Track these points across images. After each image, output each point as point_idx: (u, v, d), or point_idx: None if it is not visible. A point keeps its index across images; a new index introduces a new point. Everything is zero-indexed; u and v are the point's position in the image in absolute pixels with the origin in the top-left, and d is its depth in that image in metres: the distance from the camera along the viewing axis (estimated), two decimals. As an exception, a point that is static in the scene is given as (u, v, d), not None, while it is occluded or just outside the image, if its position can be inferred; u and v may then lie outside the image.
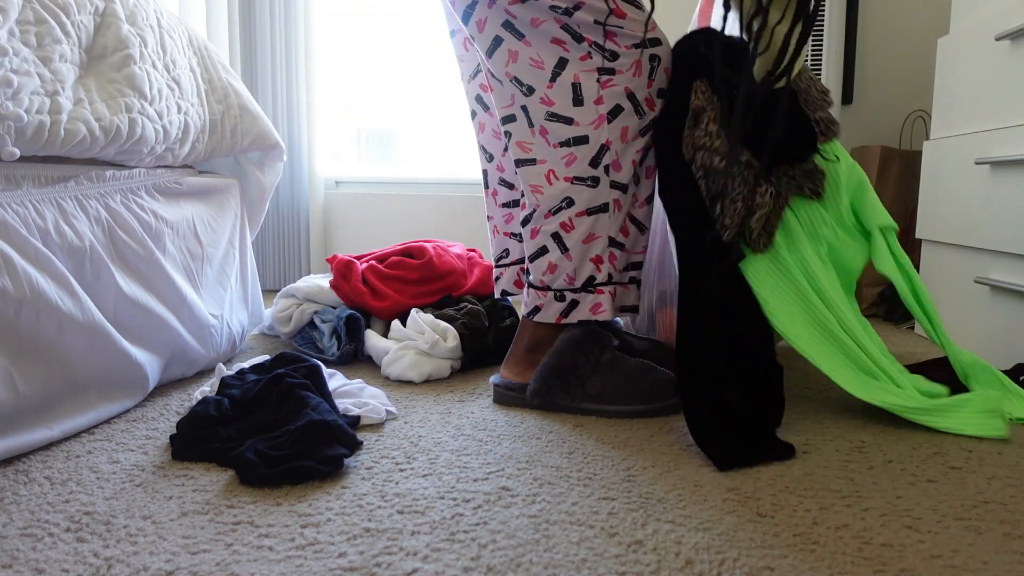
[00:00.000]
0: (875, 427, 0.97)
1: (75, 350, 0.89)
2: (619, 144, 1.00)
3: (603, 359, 1.02)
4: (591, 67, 0.98)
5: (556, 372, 1.02)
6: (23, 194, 0.87)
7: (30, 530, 0.66)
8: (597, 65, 0.98)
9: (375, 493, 0.75)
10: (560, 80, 0.98)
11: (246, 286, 1.39)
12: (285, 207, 2.26)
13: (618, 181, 1.01)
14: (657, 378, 1.02)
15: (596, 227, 1.02)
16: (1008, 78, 1.27)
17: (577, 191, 1.01)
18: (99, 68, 0.98)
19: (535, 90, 1.00)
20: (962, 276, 1.42)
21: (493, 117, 1.17)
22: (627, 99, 0.99)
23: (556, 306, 1.04)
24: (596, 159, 1.00)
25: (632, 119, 1.00)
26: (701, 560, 0.62)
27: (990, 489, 0.77)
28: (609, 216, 1.02)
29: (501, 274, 1.22)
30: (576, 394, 1.01)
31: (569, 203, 1.01)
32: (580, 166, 1.00)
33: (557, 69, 0.98)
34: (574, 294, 1.04)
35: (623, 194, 1.02)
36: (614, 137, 0.99)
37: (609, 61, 0.98)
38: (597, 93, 0.98)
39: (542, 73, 0.99)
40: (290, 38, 2.18)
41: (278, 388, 0.93)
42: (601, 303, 1.03)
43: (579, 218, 1.01)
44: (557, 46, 0.98)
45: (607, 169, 1.00)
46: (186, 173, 1.23)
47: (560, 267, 1.03)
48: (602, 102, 0.99)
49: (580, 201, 1.01)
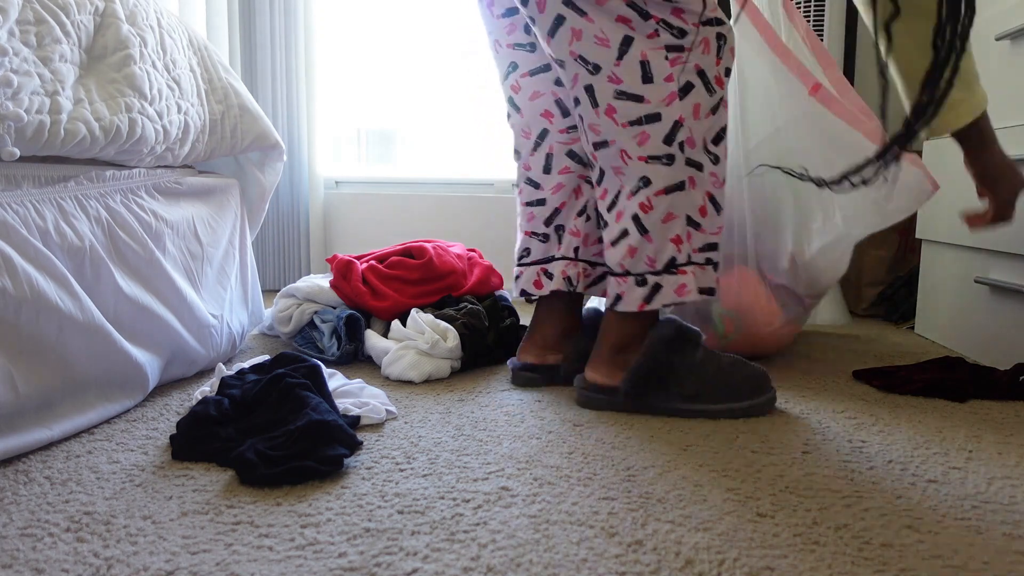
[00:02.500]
0: (875, 427, 0.97)
1: (75, 350, 0.89)
2: (692, 121, 0.98)
3: (697, 358, 1.01)
4: (659, 45, 0.96)
5: (651, 373, 1.00)
6: (23, 194, 0.87)
7: (30, 530, 0.66)
8: (665, 43, 0.96)
9: (375, 493, 0.75)
10: (628, 57, 0.96)
11: (246, 286, 1.39)
12: (285, 207, 2.26)
13: (693, 159, 1.00)
14: (751, 373, 1.02)
15: (674, 206, 1.00)
16: (1008, 78, 1.27)
17: (653, 170, 0.99)
18: (99, 68, 0.98)
19: (601, 68, 0.98)
20: (962, 276, 1.42)
21: (524, 117, 1.17)
22: (697, 76, 0.98)
23: (638, 292, 1.01)
24: (670, 136, 0.98)
25: (704, 96, 0.99)
26: (701, 560, 0.62)
27: (990, 489, 0.77)
28: (686, 194, 1.00)
29: (521, 273, 1.20)
30: (672, 395, 1.00)
31: (646, 182, 0.99)
32: (654, 144, 0.98)
33: (623, 47, 0.96)
34: (656, 277, 1.01)
35: (699, 172, 1.00)
36: (687, 114, 0.98)
37: (677, 38, 0.96)
38: (667, 70, 0.97)
39: (608, 51, 0.97)
40: (290, 38, 2.18)
41: (278, 388, 0.93)
42: (686, 284, 1.01)
43: (657, 197, 0.99)
44: (622, 24, 0.96)
45: (681, 146, 0.99)
46: (186, 173, 1.23)
47: (640, 250, 1.00)
48: (672, 79, 0.97)
49: (657, 180, 0.99)
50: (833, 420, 1.00)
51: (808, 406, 1.07)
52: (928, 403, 1.09)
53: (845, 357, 1.39)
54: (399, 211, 2.32)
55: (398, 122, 2.43)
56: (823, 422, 0.99)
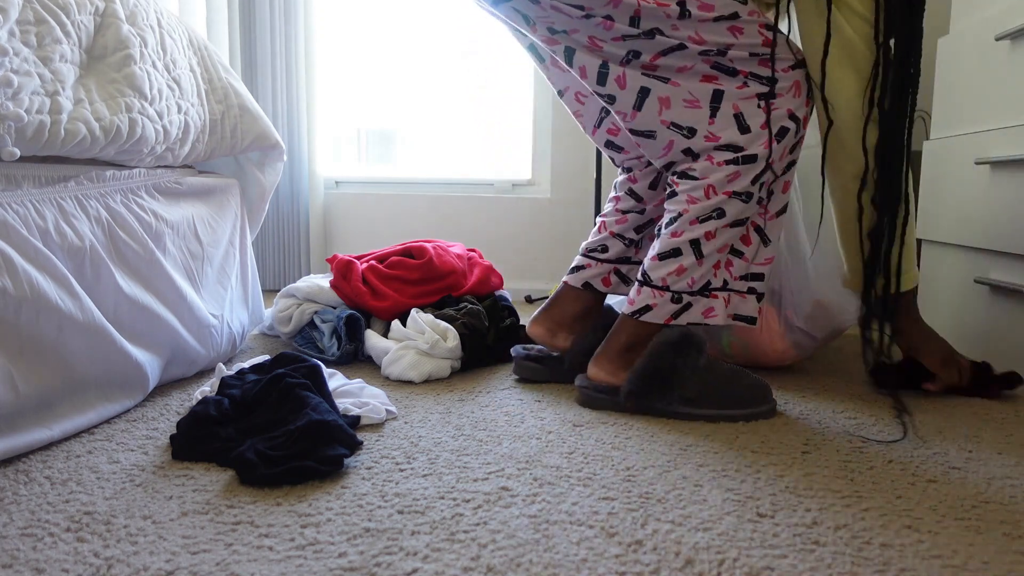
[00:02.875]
0: (875, 427, 0.97)
1: (75, 350, 0.89)
2: (778, 163, 1.01)
3: (700, 363, 1.02)
4: (750, 94, 0.99)
5: (654, 375, 1.01)
6: (23, 194, 0.87)
7: (30, 530, 0.66)
8: (756, 91, 0.99)
9: (375, 493, 0.75)
10: (721, 113, 0.99)
11: (246, 286, 1.39)
12: (285, 207, 2.26)
13: (760, 196, 1.03)
14: (752, 383, 1.03)
15: (731, 238, 1.03)
16: (1008, 78, 1.27)
17: (731, 204, 1.01)
18: (99, 68, 0.98)
19: (696, 131, 1.00)
20: (962, 276, 1.42)
21: (628, 154, 1.19)
22: (790, 120, 1.00)
23: (669, 307, 1.03)
24: (758, 177, 1.01)
25: (793, 138, 1.01)
26: (701, 560, 0.62)
27: (990, 489, 0.77)
28: (742, 227, 1.03)
29: (588, 265, 1.21)
30: (673, 398, 1.00)
31: (720, 214, 1.01)
32: (742, 182, 1.00)
33: (715, 104, 0.99)
34: (691, 297, 1.03)
35: (756, 206, 1.03)
36: (777, 157, 1.01)
37: (766, 86, 0.99)
38: (761, 117, 0.99)
39: (701, 112, 0.99)
40: (290, 38, 2.18)
41: (278, 388, 0.93)
42: (714, 307, 1.03)
43: (724, 229, 1.02)
44: (709, 83, 0.98)
45: (761, 187, 1.01)
46: (186, 173, 1.23)
47: (689, 271, 1.02)
48: (766, 127, 0.99)
49: (730, 214, 1.01)
50: (833, 420, 1.00)
51: (808, 406, 1.07)
52: (928, 403, 1.09)
53: (845, 357, 1.39)
54: (399, 211, 2.32)
55: (398, 122, 2.44)
56: (823, 422, 0.99)
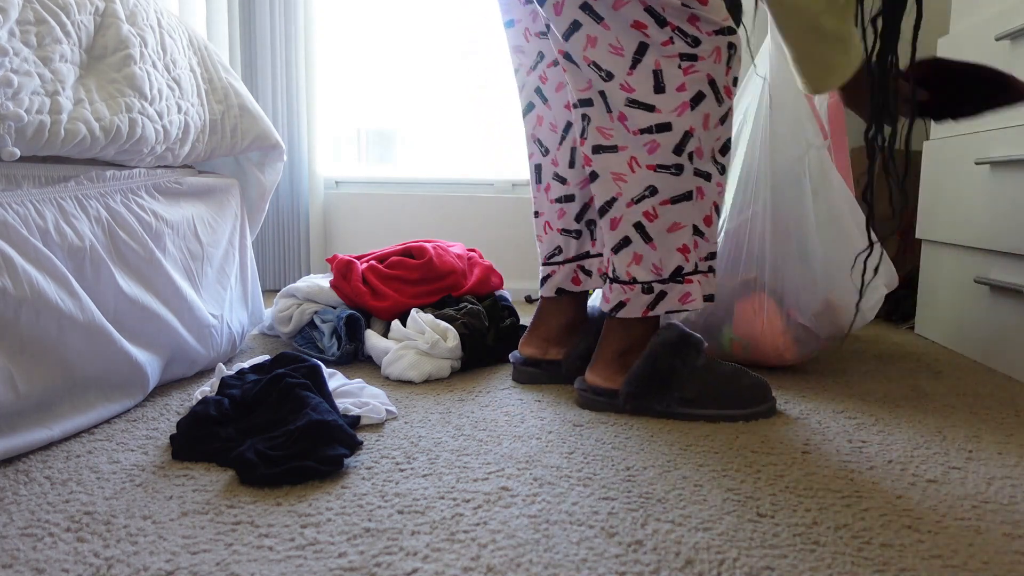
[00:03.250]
0: (875, 427, 0.97)
1: (75, 350, 0.89)
2: (702, 131, 0.99)
3: (699, 363, 1.01)
4: (673, 53, 0.96)
5: (652, 377, 1.00)
6: (23, 194, 0.87)
7: (30, 530, 0.66)
8: (679, 51, 0.96)
9: (375, 493, 0.75)
10: (641, 66, 0.97)
11: (246, 286, 1.39)
12: (285, 207, 2.26)
13: (701, 169, 1.00)
14: (752, 382, 1.02)
15: (681, 215, 1.00)
16: (1008, 78, 1.26)
17: (661, 179, 0.99)
18: (99, 68, 0.98)
19: (614, 76, 0.98)
20: (962, 276, 1.42)
21: (551, 109, 1.15)
22: (708, 86, 0.98)
23: (643, 299, 1.02)
24: (680, 146, 0.98)
25: (714, 106, 0.99)
26: (701, 560, 0.62)
27: (990, 489, 0.77)
28: (693, 204, 1.01)
29: (552, 272, 1.19)
30: (672, 399, 1.00)
31: (652, 191, 0.99)
32: (663, 154, 0.98)
33: (637, 55, 0.97)
34: (662, 285, 1.02)
35: (706, 182, 1.01)
36: (697, 124, 0.98)
37: (691, 47, 0.96)
38: (680, 79, 0.97)
39: (622, 60, 0.97)
40: (290, 38, 2.18)
41: (278, 388, 0.93)
42: (690, 292, 1.02)
43: (663, 207, 1.00)
44: (637, 31, 0.96)
45: (691, 156, 0.99)
46: (186, 173, 1.23)
47: (646, 257, 1.01)
48: (685, 88, 0.97)
49: (664, 189, 0.99)
50: (833, 420, 1.00)
51: (808, 406, 1.07)
52: (928, 403, 1.09)
53: (845, 357, 1.39)
54: (399, 211, 2.32)
55: (398, 122, 2.43)
56: (823, 422, 0.99)
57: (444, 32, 2.34)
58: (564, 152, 1.16)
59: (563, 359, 1.16)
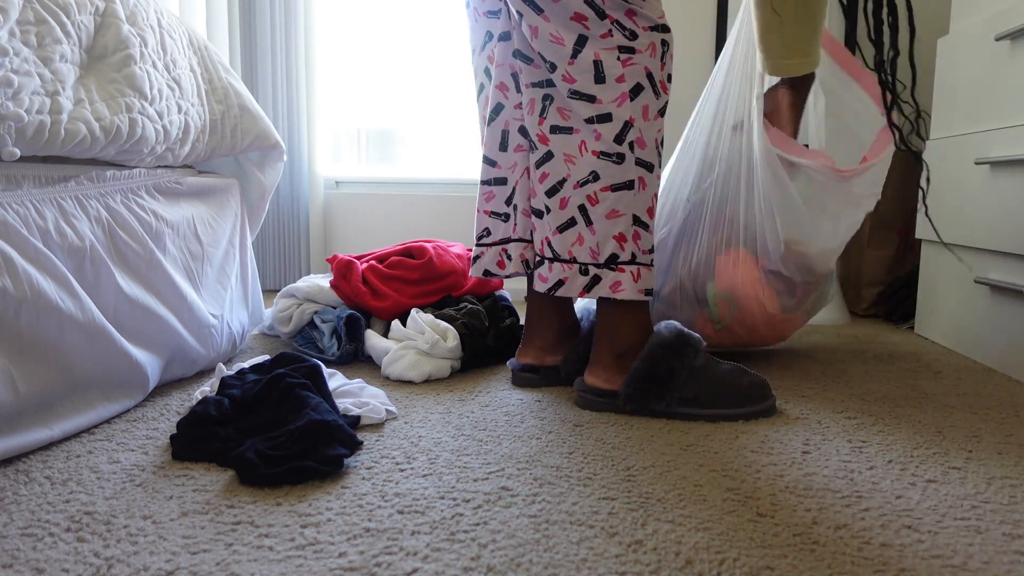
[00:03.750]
0: (875, 427, 0.97)
1: (75, 350, 0.89)
2: (642, 122, 1.00)
3: (697, 363, 1.02)
4: (612, 45, 0.98)
5: (651, 377, 1.01)
6: (23, 194, 0.87)
7: (30, 530, 0.66)
8: (618, 43, 0.98)
9: (375, 493, 0.75)
10: (581, 57, 0.99)
11: (246, 286, 1.39)
12: (285, 207, 2.26)
13: (643, 159, 1.01)
14: (751, 381, 1.02)
15: (620, 204, 1.02)
16: (1008, 78, 1.27)
17: (603, 166, 1.01)
18: (99, 68, 0.98)
19: (557, 67, 1.00)
20: (962, 276, 1.42)
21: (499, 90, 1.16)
22: (646, 78, 1.00)
23: (580, 280, 1.04)
24: (620, 136, 1.00)
25: (651, 98, 1.00)
26: (701, 560, 0.62)
27: (990, 489, 0.77)
28: (634, 194, 1.02)
29: (482, 253, 1.18)
30: (672, 399, 1.00)
31: (595, 177, 1.01)
32: (605, 142, 1.00)
33: (577, 47, 0.98)
34: (597, 269, 1.03)
35: (648, 172, 1.02)
36: (637, 115, 1.00)
37: (629, 40, 0.98)
38: (619, 71, 0.99)
39: (563, 50, 0.99)
40: (290, 38, 2.18)
41: (278, 388, 0.93)
42: (621, 282, 1.03)
43: (603, 193, 1.01)
44: (578, 23, 0.98)
45: (631, 146, 1.00)
46: (186, 173, 1.24)
47: (586, 240, 1.03)
48: (624, 80, 0.99)
49: (605, 176, 1.01)
50: (833, 420, 1.00)
51: (808, 406, 1.07)
52: (928, 403, 1.09)
53: (845, 357, 1.39)
54: (399, 211, 2.32)
55: (398, 122, 2.43)
56: (823, 422, 0.99)
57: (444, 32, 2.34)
58: (494, 132, 1.15)
59: (561, 364, 1.16)
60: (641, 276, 1.03)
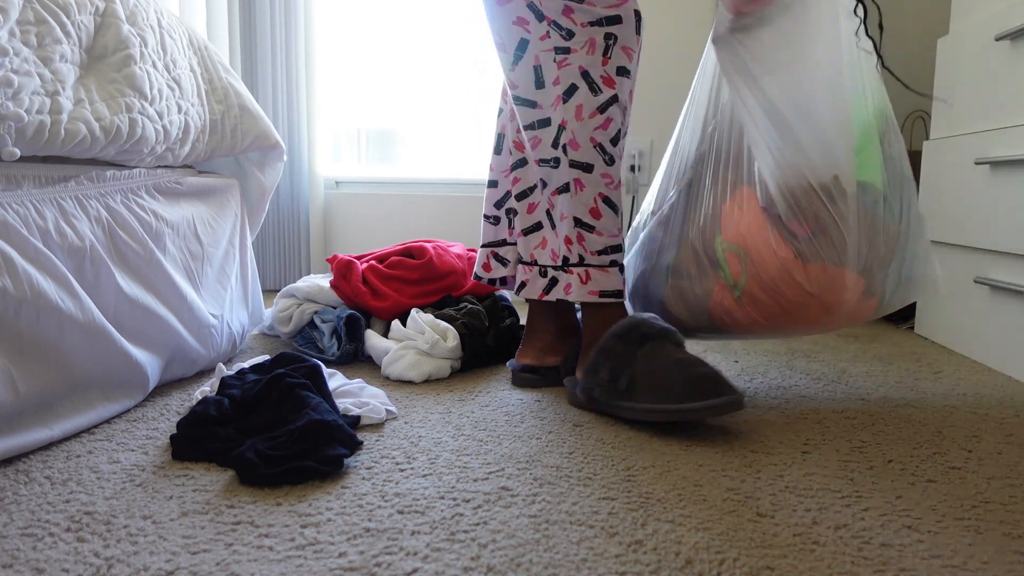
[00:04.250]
0: (875, 427, 0.97)
1: (75, 350, 0.89)
2: (574, 123, 1.00)
3: (641, 351, 0.94)
4: (549, 47, 0.99)
5: (594, 368, 0.98)
6: (23, 194, 0.87)
7: (30, 530, 0.66)
8: (554, 45, 0.98)
9: (375, 493, 0.75)
10: (522, 63, 1.00)
11: (246, 286, 1.39)
12: (285, 207, 2.26)
13: (577, 160, 1.01)
14: (697, 374, 0.89)
15: (564, 207, 1.03)
16: (1008, 78, 1.27)
17: (545, 173, 1.03)
18: (99, 68, 0.98)
19: (504, 75, 1.03)
20: (962, 276, 1.42)
21: None
22: (581, 77, 0.99)
23: (540, 282, 1.07)
24: (556, 140, 1.01)
25: (587, 97, 0.99)
26: (701, 560, 0.62)
27: (990, 489, 0.77)
28: (570, 196, 1.02)
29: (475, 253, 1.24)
30: (612, 391, 0.96)
31: (543, 184, 1.04)
32: (544, 148, 1.02)
33: (519, 51, 1.00)
34: (554, 271, 1.06)
35: (585, 173, 1.01)
36: (569, 116, 1.00)
37: (565, 40, 0.98)
38: (554, 73, 0.99)
39: (506, 57, 1.01)
40: (290, 38, 2.18)
41: (278, 388, 0.93)
42: (571, 284, 1.04)
43: (554, 197, 1.04)
44: (519, 27, 0.99)
45: (565, 149, 1.01)
46: (186, 173, 1.24)
47: (549, 243, 1.05)
48: (558, 82, 0.99)
49: (550, 182, 1.03)
50: (833, 420, 1.00)
51: (808, 406, 1.07)
52: (928, 403, 1.09)
53: (845, 357, 1.39)
54: (399, 211, 2.32)
55: (398, 122, 2.43)
56: (823, 422, 0.99)
57: (444, 32, 2.34)
58: (496, 135, 1.18)
59: (560, 364, 1.16)
60: (591, 278, 1.03)
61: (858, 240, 1.00)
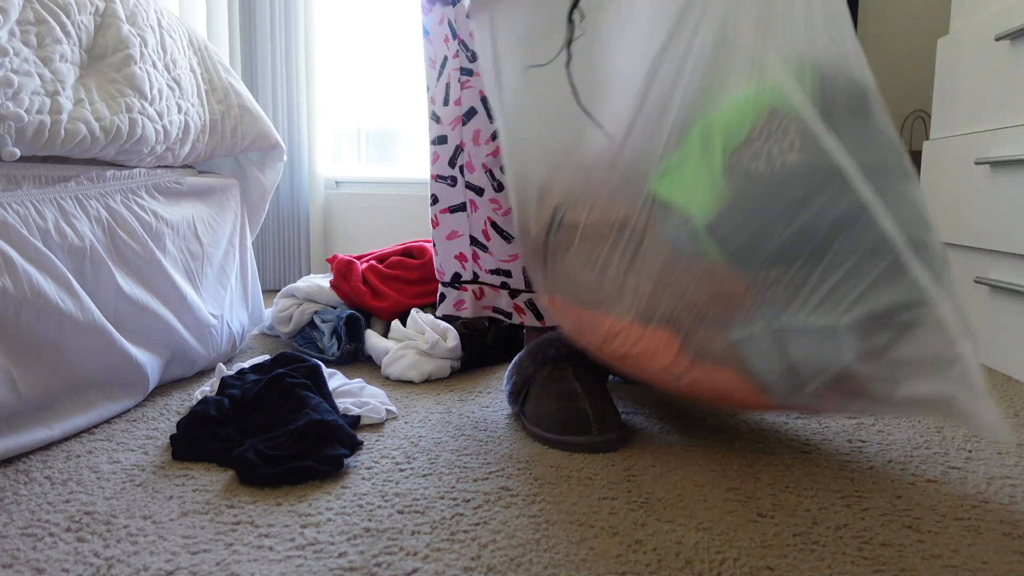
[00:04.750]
0: (875, 427, 0.97)
1: (75, 350, 0.89)
2: (472, 146, 1.00)
3: (540, 373, 0.95)
4: (457, 67, 0.99)
5: (510, 374, 1.00)
6: (23, 194, 0.87)
7: (30, 530, 0.66)
8: (461, 65, 0.98)
9: (375, 493, 0.75)
10: (441, 79, 1.01)
11: (246, 286, 1.39)
12: (285, 207, 2.26)
13: (472, 183, 1.02)
14: (570, 408, 0.89)
15: (458, 225, 1.04)
16: (1008, 78, 1.27)
17: (440, 189, 1.04)
18: (99, 68, 0.98)
19: (428, 89, 1.04)
20: (962, 276, 1.42)
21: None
22: (480, 102, 0.98)
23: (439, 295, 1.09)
24: (453, 159, 1.02)
25: (484, 123, 0.98)
26: (701, 560, 0.62)
27: (990, 489, 0.77)
28: (467, 215, 1.03)
29: None
30: (515, 402, 0.99)
31: (435, 200, 1.05)
32: (441, 165, 1.03)
33: (442, 67, 1.01)
34: (444, 288, 1.08)
35: (478, 196, 1.02)
36: (467, 139, 1.00)
37: (470, 62, 0.98)
38: (457, 93, 1.00)
39: (432, 72, 1.03)
40: (290, 38, 2.18)
41: (278, 388, 0.93)
42: (464, 300, 1.06)
43: (443, 215, 1.05)
44: (445, 44, 1.00)
45: (462, 170, 1.02)
46: (186, 173, 1.23)
47: (435, 259, 1.08)
48: (460, 103, 1.00)
49: (443, 199, 1.04)
50: (833, 420, 1.00)
51: (808, 406, 1.07)
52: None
53: (845, 357, 1.39)
54: (399, 211, 2.32)
55: (398, 122, 2.43)
56: (823, 422, 0.99)
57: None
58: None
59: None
60: (485, 294, 1.05)
61: (631, 278, 0.74)
